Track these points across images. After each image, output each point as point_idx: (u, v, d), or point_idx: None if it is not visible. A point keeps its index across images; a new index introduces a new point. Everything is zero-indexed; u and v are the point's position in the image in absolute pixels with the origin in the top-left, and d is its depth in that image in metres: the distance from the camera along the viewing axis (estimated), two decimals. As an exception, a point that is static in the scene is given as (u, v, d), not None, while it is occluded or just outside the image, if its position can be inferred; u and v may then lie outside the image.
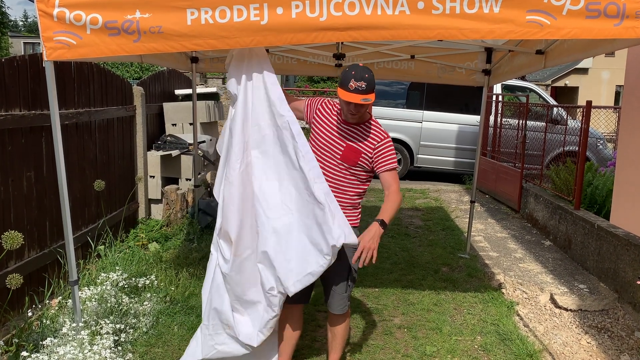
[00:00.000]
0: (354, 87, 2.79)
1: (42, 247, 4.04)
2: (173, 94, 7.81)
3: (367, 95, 2.81)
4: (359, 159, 2.96)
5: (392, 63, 5.56)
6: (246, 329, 3.01)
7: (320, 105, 3.13)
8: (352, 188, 3.01)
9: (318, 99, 3.16)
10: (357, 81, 2.78)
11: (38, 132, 3.94)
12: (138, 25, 2.74)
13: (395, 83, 10.44)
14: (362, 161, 2.97)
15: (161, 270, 4.71)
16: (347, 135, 3.00)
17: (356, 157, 2.96)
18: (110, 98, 5.37)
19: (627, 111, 4.49)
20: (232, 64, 3.01)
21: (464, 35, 2.64)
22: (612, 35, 2.59)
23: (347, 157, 2.97)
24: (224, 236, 3.03)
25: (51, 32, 2.79)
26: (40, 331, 3.37)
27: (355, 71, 2.81)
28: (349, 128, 3.01)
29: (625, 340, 4.06)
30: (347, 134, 3.00)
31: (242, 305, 3.02)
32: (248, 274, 2.96)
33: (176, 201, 6.13)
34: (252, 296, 2.98)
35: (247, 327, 3.02)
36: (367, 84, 2.79)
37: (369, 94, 2.81)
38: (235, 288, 2.99)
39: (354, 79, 2.79)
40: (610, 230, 4.86)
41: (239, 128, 2.96)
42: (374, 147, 2.97)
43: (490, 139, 9.61)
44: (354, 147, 2.96)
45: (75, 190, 4.58)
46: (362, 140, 2.99)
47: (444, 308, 4.44)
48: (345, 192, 3.00)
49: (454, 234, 6.67)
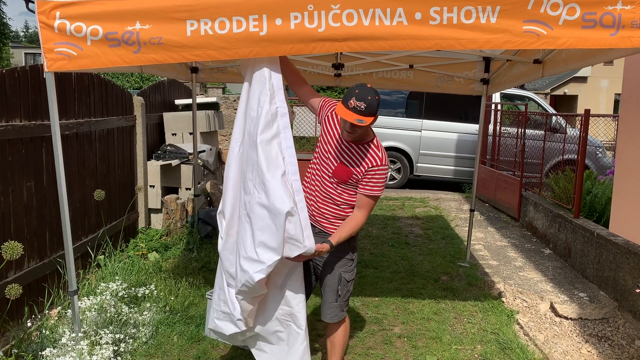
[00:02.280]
0: (353, 105, 2.74)
1: (42, 257, 4.04)
2: (173, 104, 7.84)
3: (364, 117, 2.74)
4: (349, 179, 2.94)
5: (390, 72, 5.59)
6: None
7: (331, 113, 3.09)
8: (342, 200, 2.99)
9: (332, 103, 3.11)
10: (357, 100, 2.73)
11: (38, 142, 3.96)
12: (138, 36, 2.77)
13: (395, 92, 10.48)
14: (353, 179, 2.95)
15: (161, 280, 4.70)
16: (344, 152, 2.97)
17: (347, 177, 2.94)
18: (111, 108, 5.39)
19: (625, 119, 4.51)
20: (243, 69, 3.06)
21: (461, 45, 2.66)
22: (608, 45, 2.62)
23: (338, 174, 2.96)
24: (221, 215, 3.11)
25: (52, 44, 2.81)
26: (40, 341, 3.37)
27: (360, 90, 2.77)
28: (348, 146, 2.97)
29: (626, 349, 4.05)
30: (344, 151, 2.97)
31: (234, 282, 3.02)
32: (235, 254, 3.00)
33: (176, 211, 6.14)
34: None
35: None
36: (366, 106, 2.73)
37: (366, 116, 2.74)
38: (228, 267, 3.02)
39: (355, 98, 2.74)
40: (610, 238, 4.86)
41: (241, 112, 2.98)
42: (365, 170, 2.92)
43: (489, 148, 9.63)
44: (347, 168, 2.94)
45: (75, 200, 4.59)
46: (357, 161, 2.94)
47: (444, 317, 4.43)
48: (336, 202, 3.00)
49: (453, 242, 6.67)
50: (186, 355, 3.64)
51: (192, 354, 3.64)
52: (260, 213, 2.76)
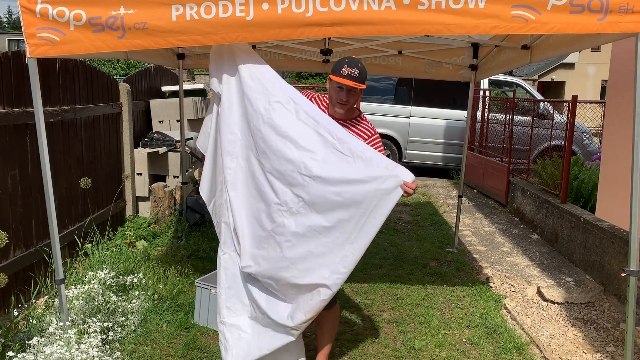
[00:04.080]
0: (347, 72, 2.83)
1: (28, 246, 4.00)
2: (160, 91, 7.76)
3: (361, 83, 2.85)
4: None
5: (379, 59, 5.56)
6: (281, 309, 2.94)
7: (313, 98, 3.10)
8: None
9: (307, 93, 3.13)
10: (350, 67, 2.83)
11: (22, 129, 3.89)
12: (122, 21, 2.72)
13: (384, 79, 10.45)
14: None
15: (149, 268, 4.68)
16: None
17: None
18: (96, 95, 5.32)
19: (611, 105, 4.54)
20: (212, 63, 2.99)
21: (449, 30, 2.65)
22: (596, 30, 2.62)
23: None
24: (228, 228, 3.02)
25: (34, 29, 2.76)
26: (27, 331, 3.34)
27: (349, 60, 2.87)
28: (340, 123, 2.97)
29: (611, 332, 4.11)
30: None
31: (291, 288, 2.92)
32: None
33: (164, 198, 6.10)
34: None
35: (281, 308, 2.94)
36: (359, 72, 2.84)
37: (361, 82, 2.86)
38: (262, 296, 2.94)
39: (347, 66, 2.84)
40: (596, 223, 4.91)
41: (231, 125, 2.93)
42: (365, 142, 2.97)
43: (477, 134, 9.66)
44: None
45: (61, 188, 4.54)
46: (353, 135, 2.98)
47: (432, 302, 4.46)
48: None
49: (442, 228, 6.70)
50: (175, 342, 3.64)
51: (181, 342, 3.64)
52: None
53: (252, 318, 3.03)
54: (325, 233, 2.74)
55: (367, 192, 2.66)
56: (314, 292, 2.81)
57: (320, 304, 2.78)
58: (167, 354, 3.49)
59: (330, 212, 2.72)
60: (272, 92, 2.83)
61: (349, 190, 2.67)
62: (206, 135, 3.19)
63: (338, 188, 2.69)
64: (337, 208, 2.71)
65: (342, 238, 2.73)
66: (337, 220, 2.71)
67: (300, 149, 2.74)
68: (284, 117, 2.79)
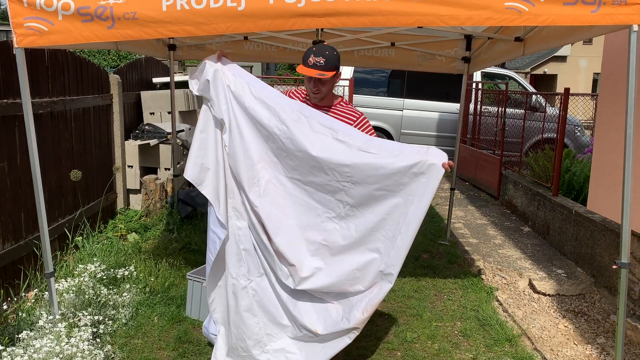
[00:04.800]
0: (312, 62, 2.82)
1: (18, 239, 3.96)
2: (151, 82, 7.69)
3: (325, 72, 2.82)
4: None
5: (372, 51, 5.54)
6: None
7: (291, 94, 3.13)
8: None
9: (286, 91, 3.15)
10: (316, 57, 2.82)
11: (11, 121, 3.84)
12: (112, 11, 2.68)
13: (377, 71, 10.41)
14: None
15: (140, 261, 4.66)
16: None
17: None
18: (86, 86, 5.26)
19: (603, 98, 4.54)
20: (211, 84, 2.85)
21: (442, 21, 2.63)
22: (589, 22, 2.61)
23: None
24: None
25: (21, 18, 2.72)
26: (16, 324, 3.32)
27: (317, 48, 2.85)
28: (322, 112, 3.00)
29: (601, 324, 4.14)
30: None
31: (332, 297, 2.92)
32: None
33: (155, 191, 6.06)
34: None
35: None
36: (325, 60, 2.82)
37: (327, 70, 2.83)
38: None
39: (314, 55, 2.83)
40: (588, 215, 4.93)
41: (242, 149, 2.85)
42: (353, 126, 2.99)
43: (470, 127, 9.66)
44: None
45: (51, 180, 4.49)
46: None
47: (424, 294, 4.47)
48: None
49: (434, 221, 6.71)
50: (167, 335, 3.62)
51: (172, 335, 3.63)
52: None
53: (294, 337, 2.97)
54: (377, 228, 2.78)
55: (406, 181, 2.70)
56: (372, 289, 2.82)
57: (380, 298, 2.80)
58: (158, 347, 3.48)
59: (378, 206, 2.76)
60: (279, 111, 2.78)
61: (388, 184, 2.71)
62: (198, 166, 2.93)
63: (377, 185, 2.72)
64: (383, 201, 2.75)
65: (392, 230, 2.76)
66: (386, 212, 2.75)
67: (325, 161, 2.74)
68: (300, 132, 2.77)
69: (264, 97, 2.81)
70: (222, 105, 2.82)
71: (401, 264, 2.78)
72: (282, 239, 2.83)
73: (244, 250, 2.93)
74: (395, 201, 2.73)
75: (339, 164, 2.73)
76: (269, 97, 2.82)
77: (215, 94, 2.83)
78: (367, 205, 2.78)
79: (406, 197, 2.71)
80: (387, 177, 2.70)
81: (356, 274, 2.83)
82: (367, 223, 2.79)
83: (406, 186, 2.70)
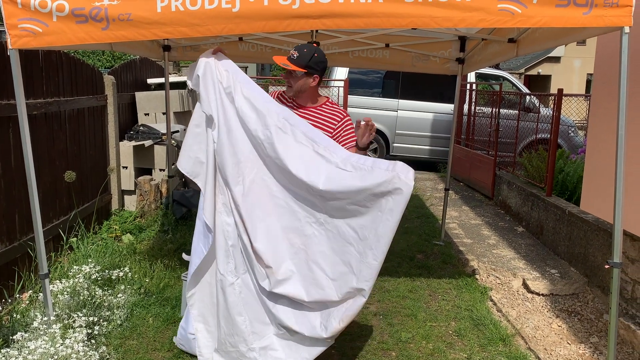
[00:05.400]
0: (289, 55, 2.97)
1: (12, 240, 3.95)
2: (145, 83, 7.68)
3: (291, 64, 2.93)
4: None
5: (366, 52, 5.56)
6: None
7: (277, 96, 3.17)
8: None
9: (272, 93, 3.19)
10: (294, 50, 2.97)
11: (5, 122, 3.84)
12: (106, 12, 2.68)
13: (371, 72, 10.43)
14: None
15: (135, 262, 4.65)
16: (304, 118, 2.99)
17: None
18: (81, 87, 5.25)
19: (596, 99, 4.57)
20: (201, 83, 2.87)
21: (436, 23, 2.65)
22: (581, 23, 2.63)
23: None
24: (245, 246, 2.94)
25: (15, 19, 2.71)
26: (11, 326, 3.31)
27: (303, 44, 3.00)
28: (306, 112, 3.06)
29: (595, 323, 4.16)
30: (304, 117, 3.00)
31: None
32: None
33: (150, 192, 6.05)
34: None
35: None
36: (298, 56, 2.94)
37: (296, 65, 2.93)
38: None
39: (295, 49, 2.97)
40: (581, 216, 4.96)
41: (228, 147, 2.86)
42: (335, 127, 3.05)
43: (464, 127, 9.70)
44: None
45: (45, 181, 4.48)
46: (321, 122, 3.05)
47: (419, 295, 4.49)
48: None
49: (428, 221, 6.74)
50: (162, 336, 3.62)
51: (167, 336, 3.62)
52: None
53: (277, 335, 2.98)
54: (350, 241, 2.78)
55: (375, 197, 2.69)
56: (348, 300, 2.82)
57: (354, 310, 2.80)
58: (153, 348, 3.48)
59: (350, 219, 2.77)
60: (266, 116, 2.79)
61: (359, 199, 2.71)
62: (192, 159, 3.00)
63: (349, 199, 2.73)
64: (355, 214, 2.76)
65: (362, 245, 2.76)
66: (358, 226, 2.76)
67: (303, 172, 2.75)
68: (284, 141, 2.78)
69: (253, 99, 2.82)
70: (211, 102, 2.83)
71: (374, 280, 2.76)
72: (261, 239, 2.84)
73: (232, 246, 2.94)
74: (366, 216, 2.74)
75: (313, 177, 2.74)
76: (258, 100, 2.83)
77: (204, 90, 2.84)
78: (340, 217, 2.79)
79: (376, 213, 2.72)
80: (357, 193, 2.71)
81: (329, 283, 2.82)
82: (340, 234, 2.80)
83: (375, 202, 2.70)
